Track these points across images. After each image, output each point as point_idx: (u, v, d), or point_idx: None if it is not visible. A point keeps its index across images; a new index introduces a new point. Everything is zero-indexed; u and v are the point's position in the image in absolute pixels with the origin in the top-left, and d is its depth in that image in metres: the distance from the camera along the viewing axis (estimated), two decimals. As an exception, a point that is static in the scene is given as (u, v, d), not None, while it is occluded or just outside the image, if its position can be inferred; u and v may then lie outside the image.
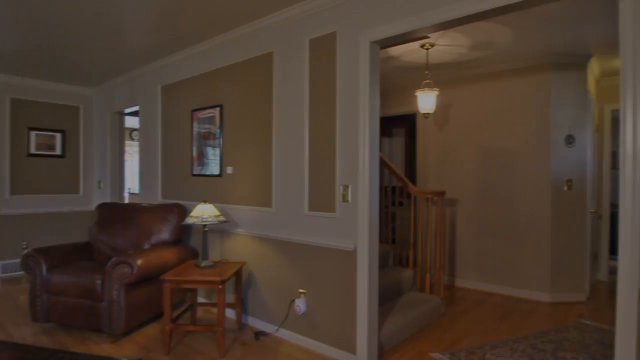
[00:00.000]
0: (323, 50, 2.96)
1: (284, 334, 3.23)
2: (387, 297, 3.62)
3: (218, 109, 3.82)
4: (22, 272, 5.23)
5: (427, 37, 3.70)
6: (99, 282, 3.18)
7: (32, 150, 5.42)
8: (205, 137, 3.98)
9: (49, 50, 4.16)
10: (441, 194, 3.87)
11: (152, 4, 3.02)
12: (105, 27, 3.49)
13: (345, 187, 2.82)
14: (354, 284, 2.78)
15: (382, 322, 3.13)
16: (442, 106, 5.03)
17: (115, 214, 4.04)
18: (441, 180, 5.06)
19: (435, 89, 4.09)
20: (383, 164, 4.22)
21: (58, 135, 5.65)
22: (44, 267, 3.37)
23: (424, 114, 4.19)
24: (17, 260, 5.20)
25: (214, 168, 3.89)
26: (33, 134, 5.43)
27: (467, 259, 4.82)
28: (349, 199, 2.80)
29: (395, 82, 5.37)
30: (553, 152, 4.25)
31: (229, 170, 3.73)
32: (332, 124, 2.90)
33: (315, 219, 3.01)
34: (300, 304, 3.06)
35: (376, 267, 2.80)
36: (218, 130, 3.83)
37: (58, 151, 5.66)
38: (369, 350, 2.73)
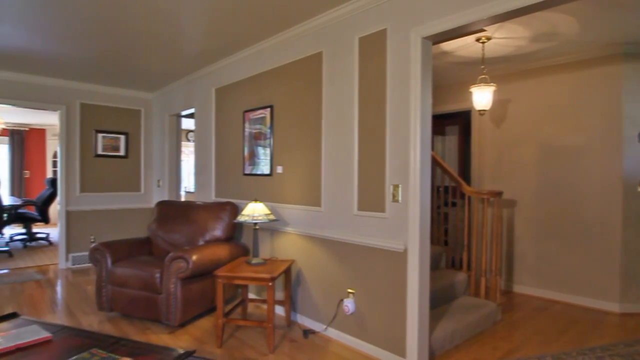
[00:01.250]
0: (373, 48, 2.92)
1: (332, 333, 3.23)
2: (439, 301, 3.51)
3: (268, 109, 3.89)
4: (89, 264, 5.64)
5: (483, 31, 3.54)
6: (157, 275, 3.35)
7: (99, 151, 5.84)
8: (256, 138, 4.06)
9: (113, 59, 4.46)
10: (498, 194, 3.68)
11: (206, 11, 3.13)
12: (163, 35, 3.68)
13: (396, 186, 2.76)
14: (404, 286, 2.72)
15: (433, 326, 3.03)
16: (499, 102, 4.80)
17: (173, 212, 4.23)
18: (498, 180, 4.82)
19: (491, 84, 3.90)
20: (435, 163, 4.09)
21: (122, 137, 6.04)
22: (109, 260, 3.61)
23: (480, 110, 4.01)
24: (86, 253, 5.62)
25: (264, 168, 3.96)
26: (100, 136, 5.84)
27: (526, 263, 4.56)
28: (399, 198, 2.73)
29: (448, 78, 5.19)
30: (625, 150, 3.90)
31: (279, 169, 3.79)
32: (382, 122, 2.85)
33: (365, 219, 2.98)
34: (349, 304, 3.04)
35: (427, 269, 2.72)
36: (268, 131, 3.90)
37: (122, 152, 6.05)
38: (420, 354, 2.65)
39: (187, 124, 7.38)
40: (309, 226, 3.46)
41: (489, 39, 3.72)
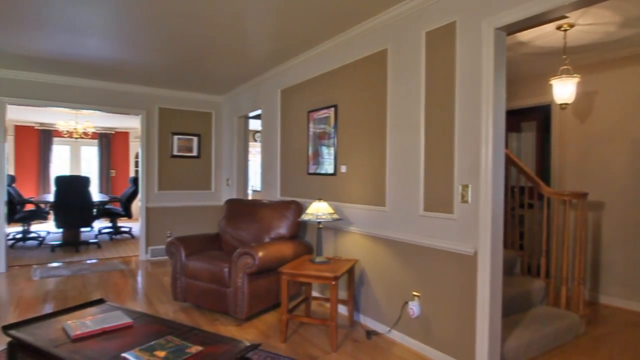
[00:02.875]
0: (440, 43, 2.80)
1: (396, 335, 3.15)
2: (513, 309, 3.28)
3: (332, 109, 3.90)
4: (166, 257, 6.05)
5: (564, 17, 3.25)
6: (226, 270, 3.50)
7: (175, 152, 6.25)
8: (320, 137, 4.09)
9: (188, 66, 4.74)
10: (582, 195, 3.36)
11: (273, 14, 3.21)
12: (232, 41, 3.83)
13: (465, 186, 2.62)
14: (473, 291, 2.57)
15: (506, 335, 2.84)
16: (584, 94, 4.38)
17: (240, 209, 4.40)
18: (581, 180, 4.41)
19: (575, 75, 3.57)
20: (509, 162, 3.83)
21: (195, 139, 6.41)
22: (183, 254, 3.84)
23: (561, 104, 3.69)
24: (163, 247, 6.03)
25: (328, 167, 3.97)
26: (175, 137, 6.24)
27: (615, 272, 4.12)
28: (469, 199, 2.59)
29: (524, 71, 4.85)
30: None
31: (343, 169, 3.77)
32: (450, 120, 2.72)
33: (431, 220, 2.87)
34: (414, 307, 2.95)
35: (500, 275, 2.55)
36: (332, 130, 3.91)
37: (195, 152, 6.42)
38: (491, 365, 2.49)
39: (255, 124, 7.64)
40: (373, 226, 3.40)
41: (571, 26, 3.40)
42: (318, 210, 3.37)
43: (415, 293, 2.99)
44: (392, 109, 3.22)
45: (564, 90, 3.62)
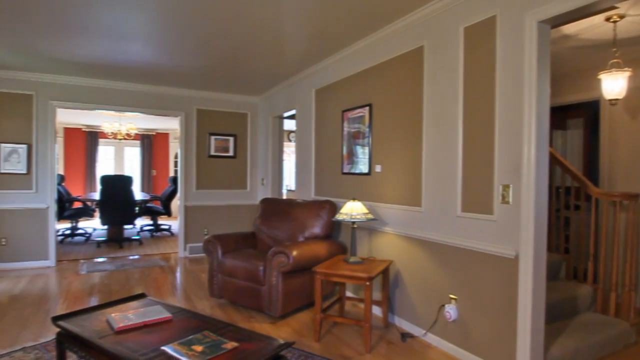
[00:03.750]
0: (480, 38, 2.71)
1: (432, 339, 3.08)
2: (557, 315, 3.13)
3: (367, 108, 3.86)
4: (203, 254, 6.21)
5: (614, 8, 3.06)
6: (261, 268, 3.54)
7: (212, 152, 6.40)
8: (355, 137, 4.06)
9: (225, 68, 4.84)
10: (634, 196, 3.16)
11: (308, 12, 3.21)
12: (267, 42, 3.88)
13: (506, 186, 2.52)
14: (514, 296, 2.47)
15: (549, 343, 2.71)
16: (636, 90, 4.12)
17: (275, 209, 4.44)
18: (633, 180, 4.14)
19: (626, 69, 3.36)
20: (553, 161, 3.66)
21: (231, 139, 6.54)
22: (220, 252, 3.92)
23: (611, 100, 3.48)
24: (200, 244, 6.19)
25: (362, 167, 3.94)
26: (212, 138, 6.40)
27: (670, 280, 3.84)
28: (510, 200, 2.49)
29: (570, 65, 4.61)
30: None
31: (378, 168, 3.73)
32: (490, 117, 2.63)
33: (469, 221, 2.78)
34: (450, 310, 2.87)
35: (543, 279, 2.44)
36: (367, 129, 3.87)
37: (231, 152, 6.55)
38: (533, 373, 2.39)
39: (289, 125, 7.71)
40: (408, 227, 3.34)
41: (621, 17, 3.21)
42: (352, 210, 3.35)
43: (452, 296, 2.91)
44: (428, 107, 3.15)
45: (614, 85, 3.42)
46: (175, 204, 9.71)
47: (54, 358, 2.44)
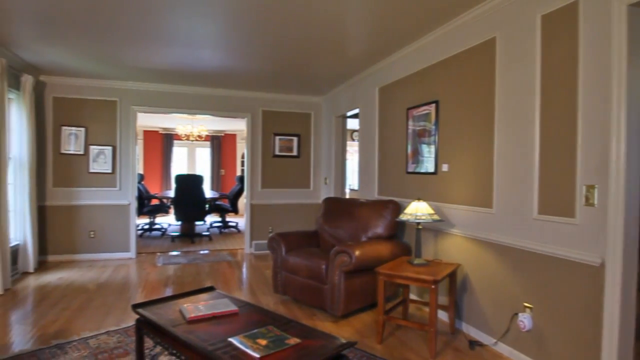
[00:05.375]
0: (559, 26, 2.50)
1: (503, 349, 2.90)
2: (650, 332, 2.80)
3: (433, 105, 3.73)
4: (267, 251, 6.39)
5: None
6: (323, 267, 3.56)
7: (276, 152, 6.57)
8: (420, 135, 3.95)
9: (289, 70, 4.96)
10: None
11: (371, 9, 3.17)
12: (331, 41, 3.89)
13: (590, 187, 2.30)
14: (599, 308, 2.25)
15: (642, 363, 2.43)
16: None
17: (338, 208, 4.45)
18: None
19: None
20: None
21: (295, 139, 6.66)
22: (283, 249, 4.01)
23: None
24: (265, 241, 6.37)
25: (428, 166, 3.82)
26: (277, 138, 6.57)
27: None
28: (595, 202, 2.27)
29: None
30: None
31: (445, 167, 3.59)
32: (572, 111, 2.41)
33: (547, 224, 2.57)
34: (525, 320, 2.68)
35: (633, 290, 2.20)
36: (433, 127, 3.74)
37: (295, 152, 6.68)
38: (622, 394, 2.15)
39: (352, 124, 7.70)
40: (478, 229, 3.18)
41: None
42: (417, 210, 3.25)
43: (526, 304, 2.72)
44: (500, 101, 2.97)
45: None
46: (242, 202, 10.10)
47: (134, 342, 2.64)
